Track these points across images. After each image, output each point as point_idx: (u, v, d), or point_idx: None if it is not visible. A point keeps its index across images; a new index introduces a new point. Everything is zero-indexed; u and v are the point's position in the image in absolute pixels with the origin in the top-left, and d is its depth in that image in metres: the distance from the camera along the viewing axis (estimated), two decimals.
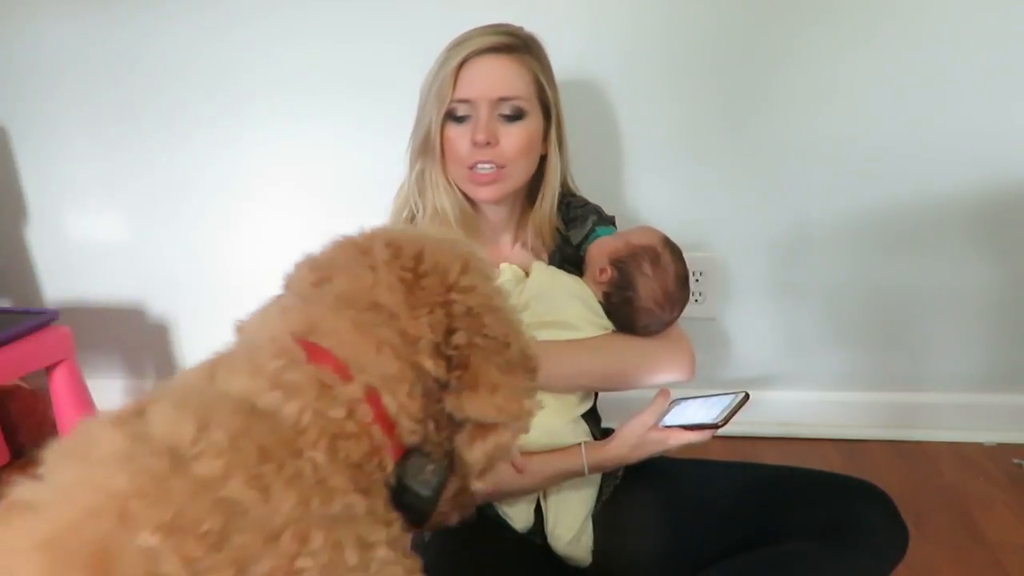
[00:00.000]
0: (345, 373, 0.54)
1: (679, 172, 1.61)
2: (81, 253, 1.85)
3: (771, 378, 1.74)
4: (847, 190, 1.58)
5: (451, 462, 0.63)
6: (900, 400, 1.72)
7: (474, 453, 0.61)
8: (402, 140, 1.15)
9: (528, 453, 0.99)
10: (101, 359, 1.91)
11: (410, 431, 0.58)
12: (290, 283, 0.65)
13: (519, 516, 1.04)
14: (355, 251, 0.63)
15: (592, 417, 1.13)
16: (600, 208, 1.22)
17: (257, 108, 1.65)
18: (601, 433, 1.13)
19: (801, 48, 1.50)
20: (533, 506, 1.04)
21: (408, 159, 1.13)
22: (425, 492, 0.57)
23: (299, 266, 0.65)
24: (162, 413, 0.48)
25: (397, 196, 1.15)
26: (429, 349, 0.59)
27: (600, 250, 1.10)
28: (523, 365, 0.63)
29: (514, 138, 1.04)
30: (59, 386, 1.57)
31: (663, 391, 1.02)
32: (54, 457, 0.47)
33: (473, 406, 0.59)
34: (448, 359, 0.60)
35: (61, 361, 1.55)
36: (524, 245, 1.13)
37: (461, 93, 1.03)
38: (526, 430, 0.63)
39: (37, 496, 0.44)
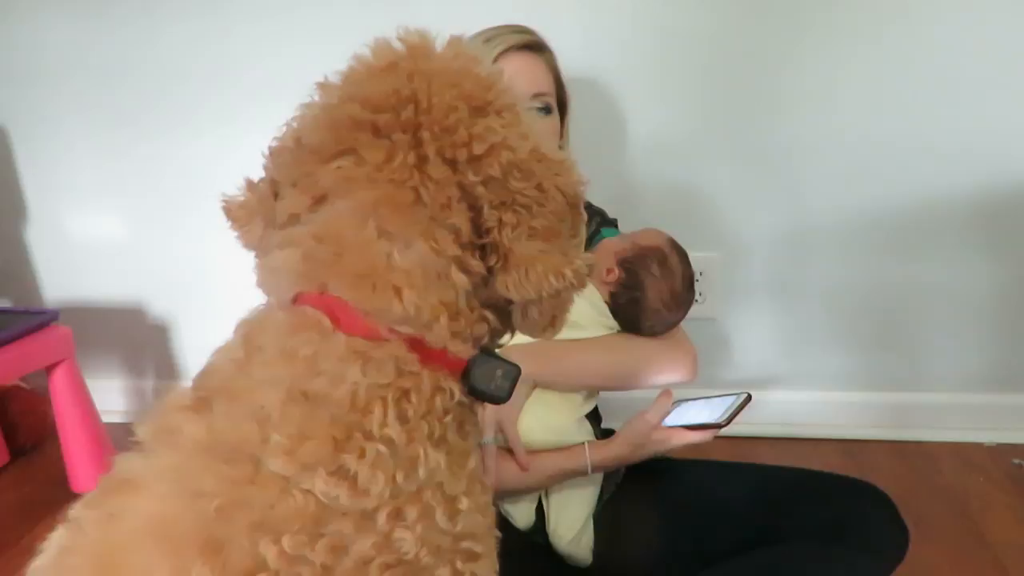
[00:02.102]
0: (376, 333, 0.50)
1: (679, 172, 1.61)
2: (81, 253, 1.84)
3: (771, 378, 1.74)
4: (848, 190, 1.58)
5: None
6: (900, 400, 1.72)
7: (527, 323, 0.57)
8: None
9: (533, 452, 0.99)
10: (101, 359, 1.91)
11: (465, 348, 0.54)
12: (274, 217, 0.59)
13: (521, 515, 1.04)
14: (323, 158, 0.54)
15: (593, 417, 1.13)
16: (604, 211, 1.23)
17: (258, 108, 1.65)
18: (602, 433, 1.13)
19: (800, 48, 1.50)
20: (535, 505, 1.05)
21: None
22: (501, 395, 0.56)
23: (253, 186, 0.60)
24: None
25: None
26: (458, 258, 0.52)
27: (607, 251, 1.10)
28: (565, 212, 0.55)
29: (546, 132, 1.06)
30: (59, 386, 1.56)
31: (665, 391, 1.03)
32: (149, 437, 0.48)
33: (513, 291, 0.53)
34: (483, 248, 0.54)
35: (61, 361, 1.55)
36: None
37: None
38: (583, 284, 0.56)
39: (139, 475, 0.46)
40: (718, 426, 0.94)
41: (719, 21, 1.50)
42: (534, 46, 1.08)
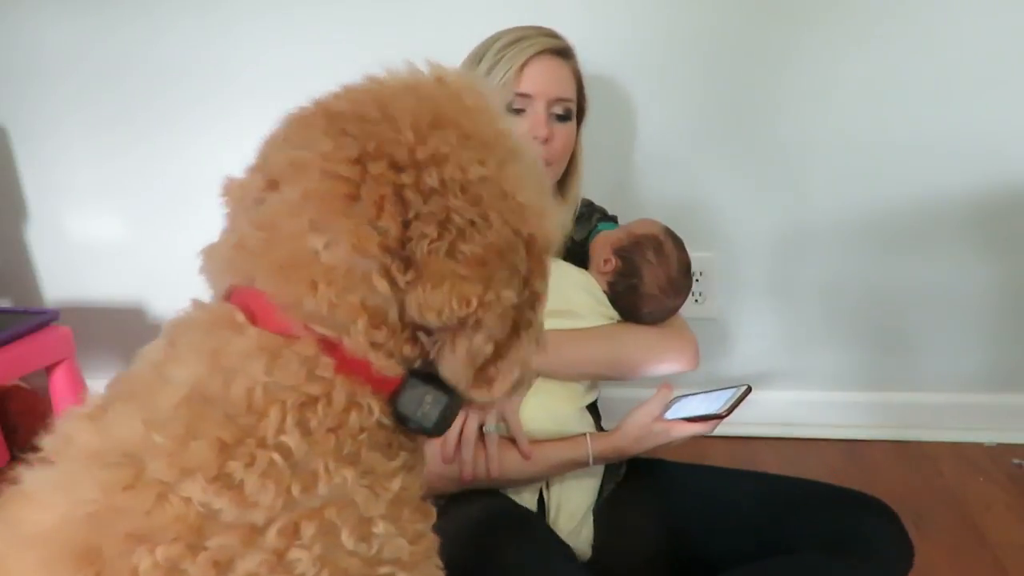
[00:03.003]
0: (288, 329, 0.47)
1: (678, 171, 1.61)
2: (81, 253, 1.84)
3: (771, 378, 1.73)
4: (847, 189, 1.58)
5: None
6: (900, 400, 1.71)
7: (446, 364, 0.51)
8: None
9: (535, 441, 1.00)
10: (101, 359, 1.91)
11: (391, 365, 0.49)
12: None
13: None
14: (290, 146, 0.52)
15: (593, 415, 1.14)
16: (604, 209, 1.25)
17: (258, 108, 1.64)
18: (601, 431, 1.13)
19: (801, 48, 1.50)
20: (536, 496, 1.05)
21: None
22: (428, 424, 0.51)
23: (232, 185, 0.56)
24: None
25: None
26: (384, 264, 0.48)
27: (604, 242, 1.13)
28: (508, 251, 0.50)
29: (563, 137, 1.09)
30: (59, 386, 1.56)
31: (665, 384, 1.04)
32: (49, 448, 0.47)
33: (415, 310, 0.48)
34: (409, 259, 0.49)
35: (61, 361, 1.55)
36: None
37: (524, 88, 1.06)
38: (499, 322, 0.50)
39: (33, 486, 0.46)
40: (719, 417, 0.94)
41: (719, 21, 1.50)
42: (563, 51, 1.10)
